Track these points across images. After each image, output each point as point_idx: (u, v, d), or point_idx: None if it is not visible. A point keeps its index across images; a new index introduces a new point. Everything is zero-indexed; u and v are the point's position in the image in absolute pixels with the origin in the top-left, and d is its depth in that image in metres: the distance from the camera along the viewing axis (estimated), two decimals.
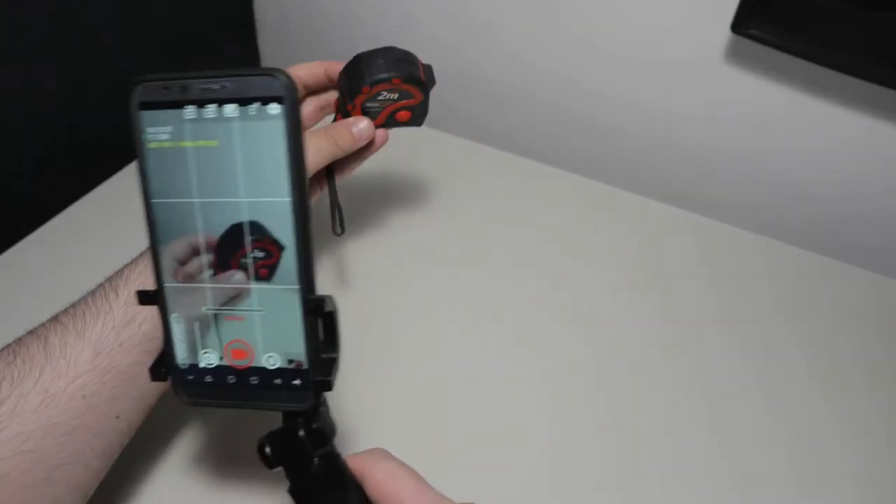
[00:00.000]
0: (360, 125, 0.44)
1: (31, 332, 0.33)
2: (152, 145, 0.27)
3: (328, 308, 0.28)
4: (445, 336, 0.50)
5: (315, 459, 0.28)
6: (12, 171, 0.57)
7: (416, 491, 0.27)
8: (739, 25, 0.53)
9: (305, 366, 0.28)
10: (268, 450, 0.28)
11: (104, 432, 0.33)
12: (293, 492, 0.28)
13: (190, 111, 0.27)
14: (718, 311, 0.55)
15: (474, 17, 0.67)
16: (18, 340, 0.33)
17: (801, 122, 0.59)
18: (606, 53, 0.64)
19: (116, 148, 0.63)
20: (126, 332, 0.33)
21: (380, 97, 0.45)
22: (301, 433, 0.28)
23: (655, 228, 0.62)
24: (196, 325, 0.29)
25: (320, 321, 0.28)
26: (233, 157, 0.27)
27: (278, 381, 0.29)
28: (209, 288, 0.29)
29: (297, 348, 0.28)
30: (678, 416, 0.47)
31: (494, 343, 0.50)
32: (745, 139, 0.63)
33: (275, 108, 0.26)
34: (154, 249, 0.28)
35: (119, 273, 0.35)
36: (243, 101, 0.27)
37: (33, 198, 0.58)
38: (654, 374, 0.49)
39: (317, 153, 0.42)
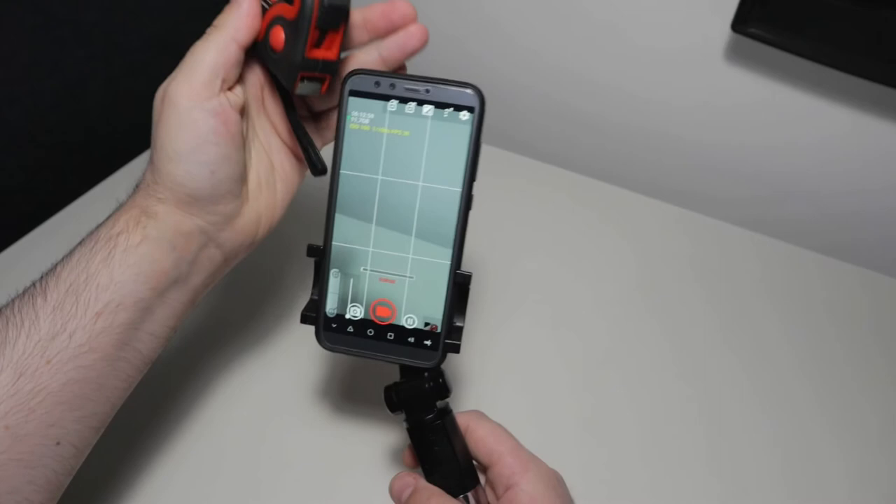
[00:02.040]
0: None
1: None
2: (353, 126, 0.32)
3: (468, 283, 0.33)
4: None
5: (435, 408, 0.33)
6: (12, 170, 0.57)
7: (514, 448, 0.31)
8: (739, 24, 0.53)
9: (439, 329, 0.34)
10: (394, 395, 0.33)
11: (43, 463, 0.28)
12: (411, 430, 0.33)
13: (393, 104, 0.32)
14: (709, 307, 0.55)
15: (474, 11, 0.67)
16: None
17: (800, 119, 0.59)
18: (606, 50, 0.64)
19: (116, 147, 0.63)
20: (54, 346, 0.28)
21: None
22: (429, 385, 0.33)
23: (645, 224, 0.62)
24: (351, 282, 0.34)
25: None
26: (420, 148, 0.32)
27: (412, 339, 0.34)
28: (371, 252, 0.33)
29: (436, 313, 0.33)
30: (668, 413, 0.47)
31: (490, 336, 0.50)
32: (744, 137, 0.63)
33: (465, 116, 0.32)
34: (330, 212, 0.33)
35: (51, 270, 0.30)
36: (439, 105, 0.32)
37: (33, 196, 0.58)
38: (643, 371, 0.49)
39: (204, 52, 0.31)
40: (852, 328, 0.54)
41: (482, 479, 0.33)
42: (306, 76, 0.32)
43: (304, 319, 0.34)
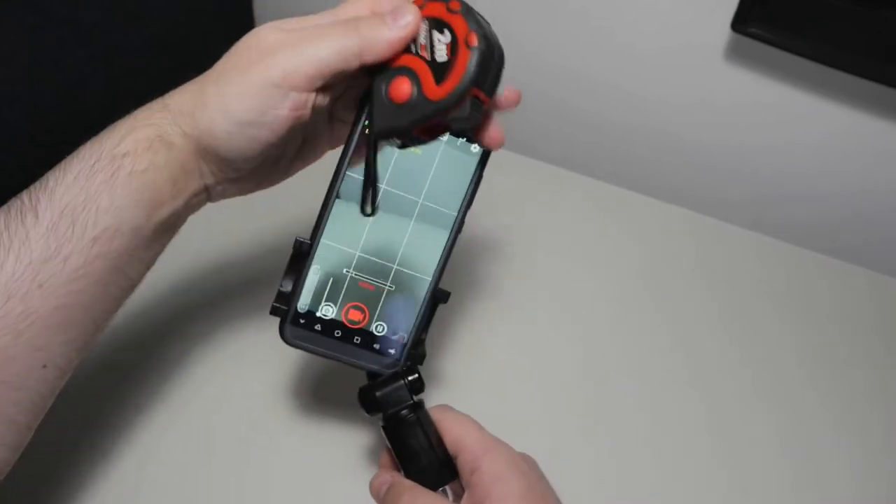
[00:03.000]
0: (405, 17, 0.29)
1: None
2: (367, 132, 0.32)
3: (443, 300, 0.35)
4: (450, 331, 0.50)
5: (410, 404, 0.33)
6: (12, 170, 0.57)
7: (477, 433, 0.31)
8: (739, 23, 0.53)
9: (405, 340, 0.35)
10: (370, 392, 0.33)
11: (28, 385, 0.28)
12: (387, 428, 0.33)
13: None
14: (712, 308, 0.55)
15: (475, 8, 0.67)
16: None
17: (800, 119, 0.59)
18: (605, 49, 0.64)
19: None
20: (47, 269, 0.27)
21: (437, 33, 0.29)
22: (404, 381, 0.33)
23: (646, 224, 0.62)
24: (330, 281, 0.34)
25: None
26: (428, 169, 0.34)
27: (377, 346, 0.35)
28: (358, 255, 0.34)
29: (406, 325, 0.35)
30: (670, 413, 0.47)
31: (487, 336, 0.50)
32: (744, 137, 0.63)
33: (476, 149, 0.34)
34: (325, 208, 0.33)
35: (41, 182, 0.29)
36: (456, 133, 0.33)
37: None
38: (646, 372, 0.49)
39: (326, 49, 0.28)
40: (855, 329, 0.54)
41: None
42: (395, 141, 0.32)
43: (274, 311, 0.34)
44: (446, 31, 0.29)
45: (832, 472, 0.44)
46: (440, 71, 0.28)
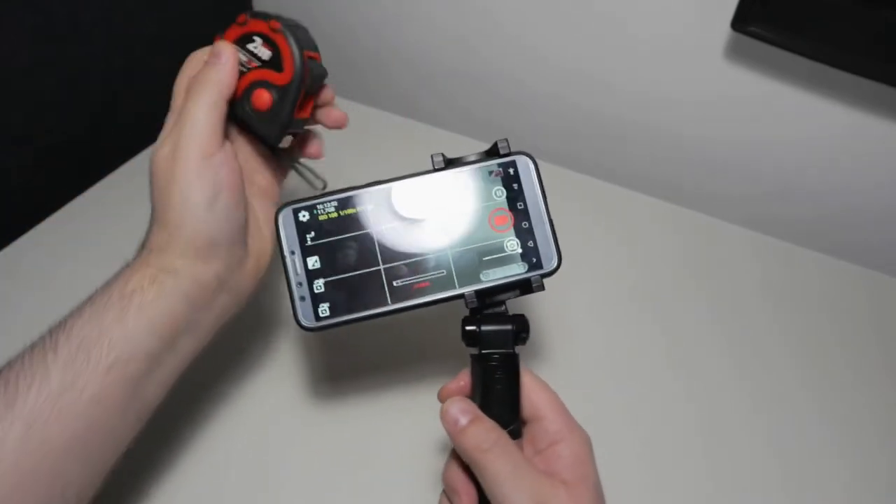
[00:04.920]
0: (223, 52, 0.34)
1: None
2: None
3: None
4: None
5: (510, 352, 0.33)
6: (12, 169, 0.57)
7: (561, 407, 0.33)
8: (739, 23, 0.53)
9: None
10: (482, 330, 0.33)
11: None
12: (482, 362, 0.33)
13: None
14: (706, 306, 0.55)
15: (475, 6, 0.67)
16: None
17: (799, 118, 0.59)
18: (604, 48, 0.64)
19: (115, 146, 0.63)
20: (64, 399, 0.28)
21: (250, 45, 0.35)
22: (514, 327, 0.34)
23: (643, 222, 0.62)
24: None
25: None
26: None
27: None
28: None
29: None
30: (663, 412, 0.47)
31: None
32: (744, 136, 0.63)
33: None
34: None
35: (60, 324, 0.31)
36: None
37: (32, 196, 0.58)
38: (640, 370, 0.49)
39: (201, 114, 0.33)
40: (850, 327, 0.54)
41: None
42: (289, 132, 0.36)
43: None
44: (255, 38, 0.35)
45: (826, 470, 0.44)
46: (274, 63, 0.34)
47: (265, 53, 0.35)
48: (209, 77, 0.33)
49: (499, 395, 0.33)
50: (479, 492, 0.31)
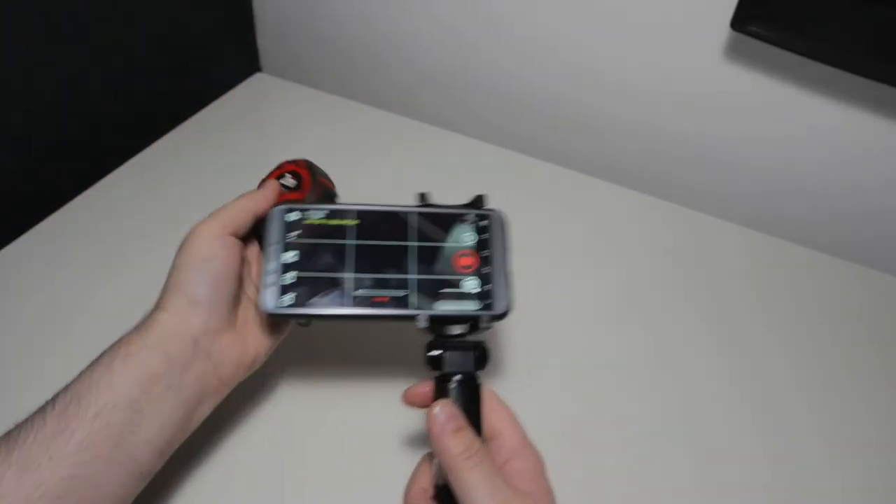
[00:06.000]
0: (267, 189, 0.42)
1: None
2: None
3: None
4: None
5: (472, 375, 0.35)
6: (12, 169, 0.57)
7: (518, 426, 0.35)
8: (739, 22, 0.53)
9: None
10: (446, 354, 0.35)
11: None
12: (445, 385, 0.35)
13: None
14: (700, 304, 0.55)
15: (476, 6, 0.67)
16: None
17: (798, 117, 0.59)
18: (604, 46, 0.64)
19: (115, 146, 0.63)
20: (56, 443, 0.31)
21: (282, 179, 0.47)
22: (475, 353, 0.35)
23: (637, 220, 0.62)
24: None
25: None
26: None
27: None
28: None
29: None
30: (653, 413, 0.47)
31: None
32: (742, 135, 0.63)
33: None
34: None
35: (63, 388, 0.34)
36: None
37: (32, 195, 0.58)
38: (631, 369, 0.49)
39: (236, 208, 0.40)
40: (846, 326, 0.54)
41: None
42: None
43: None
44: (286, 174, 0.47)
45: (820, 471, 0.44)
46: (297, 188, 0.47)
47: (291, 182, 0.47)
48: (254, 193, 0.41)
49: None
50: None
